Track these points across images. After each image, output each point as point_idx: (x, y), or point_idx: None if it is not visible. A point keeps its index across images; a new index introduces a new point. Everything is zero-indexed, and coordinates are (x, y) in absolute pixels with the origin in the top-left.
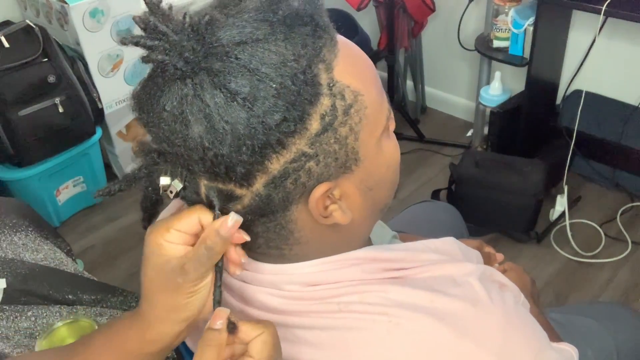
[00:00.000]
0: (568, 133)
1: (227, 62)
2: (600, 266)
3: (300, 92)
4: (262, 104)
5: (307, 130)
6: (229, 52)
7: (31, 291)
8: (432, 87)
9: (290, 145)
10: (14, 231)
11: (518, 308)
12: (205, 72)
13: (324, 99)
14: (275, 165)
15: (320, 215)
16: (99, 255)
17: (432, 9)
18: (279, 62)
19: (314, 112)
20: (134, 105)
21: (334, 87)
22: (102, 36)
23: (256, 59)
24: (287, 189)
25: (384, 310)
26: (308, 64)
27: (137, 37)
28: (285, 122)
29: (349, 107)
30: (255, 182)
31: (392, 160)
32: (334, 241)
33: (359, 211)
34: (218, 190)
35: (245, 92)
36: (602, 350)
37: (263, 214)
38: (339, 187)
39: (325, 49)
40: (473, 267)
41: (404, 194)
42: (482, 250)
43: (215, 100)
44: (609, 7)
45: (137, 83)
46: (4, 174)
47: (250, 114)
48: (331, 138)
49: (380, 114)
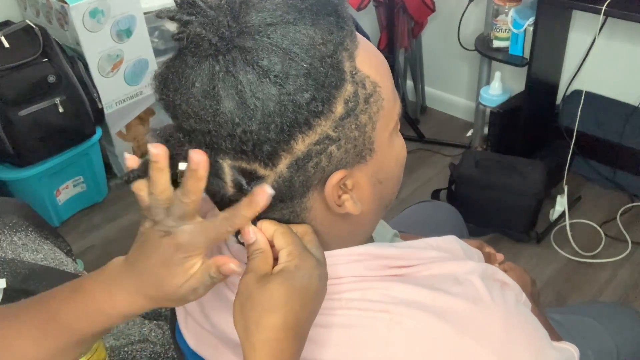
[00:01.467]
0: (568, 133)
1: (260, 41)
2: (600, 266)
3: (327, 75)
4: (293, 82)
5: (332, 113)
6: (261, 31)
7: (31, 291)
8: (432, 87)
9: (316, 127)
10: (14, 231)
11: (519, 307)
12: (238, 49)
13: (348, 85)
14: (300, 145)
15: (335, 202)
16: (99, 255)
17: (432, 9)
18: (308, 44)
19: (339, 96)
20: (158, 85)
21: (356, 75)
22: (102, 36)
23: (288, 39)
24: (307, 173)
25: (385, 307)
26: (334, 49)
27: (174, 10)
28: (314, 102)
29: (369, 96)
30: (280, 163)
31: (400, 157)
32: (341, 233)
33: (368, 204)
34: (242, 170)
35: (277, 70)
36: (602, 350)
37: (282, 198)
38: (352, 177)
39: (347, 38)
40: (475, 265)
41: (404, 194)
42: (483, 250)
43: (248, 77)
44: (609, 7)
45: (160, 65)
46: (4, 174)
47: (282, 91)
48: (352, 124)
49: (394, 108)
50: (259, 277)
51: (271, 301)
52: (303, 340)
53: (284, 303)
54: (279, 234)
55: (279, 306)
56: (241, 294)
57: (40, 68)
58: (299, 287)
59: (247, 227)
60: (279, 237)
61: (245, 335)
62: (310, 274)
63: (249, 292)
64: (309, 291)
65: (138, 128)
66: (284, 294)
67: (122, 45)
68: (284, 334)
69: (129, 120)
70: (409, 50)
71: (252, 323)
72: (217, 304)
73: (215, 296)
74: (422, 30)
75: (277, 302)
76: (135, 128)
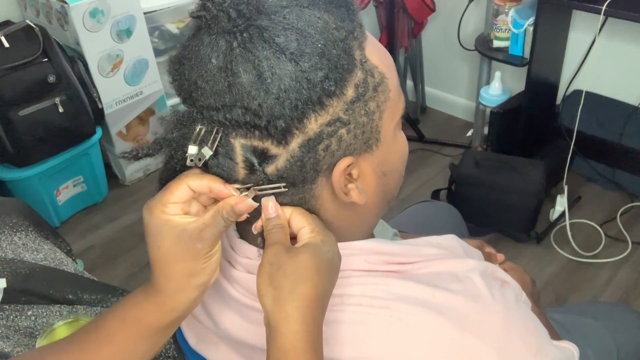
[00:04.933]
0: (568, 133)
1: (276, 20)
2: (600, 266)
3: (340, 58)
4: (308, 60)
5: (344, 95)
6: (277, 12)
7: (31, 291)
8: (432, 87)
9: (328, 107)
10: (14, 231)
11: (519, 305)
12: (255, 27)
13: (358, 71)
14: (312, 125)
15: (341, 189)
16: (99, 255)
17: (432, 9)
18: (322, 26)
19: (350, 80)
20: (174, 65)
21: (366, 63)
22: (102, 36)
23: (303, 20)
24: (318, 155)
25: (385, 304)
26: (346, 35)
27: None
28: (327, 81)
29: (377, 85)
30: (292, 141)
31: (403, 152)
32: (344, 225)
33: (372, 196)
34: (254, 148)
35: (292, 47)
36: (602, 350)
37: (293, 182)
38: (358, 166)
39: (357, 29)
40: (475, 263)
41: (404, 194)
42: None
43: (265, 53)
44: (609, 7)
45: (175, 48)
46: (4, 174)
47: (297, 67)
48: (362, 109)
49: (399, 102)
50: (287, 248)
51: (306, 270)
52: (325, 313)
53: (316, 273)
54: (297, 214)
55: (312, 275)
56: (270, 264)
57: (40, 68)
58: (326, 260)
59: (268, 202)
60: (298, 217)
61: (276, 306)
62: (334, 250)
63: (280, 263)
64: (333, 266)
65: (138, 128)
66: (316, 265)
67: (122, 45)
68: (315, 302)
69: (129, 120)
70: (409, 50)
71: (285, 292)
72: (220, 301)
73: (217, 293)
74: (422, 30)
75: (310, 271)
76: (135, 128)
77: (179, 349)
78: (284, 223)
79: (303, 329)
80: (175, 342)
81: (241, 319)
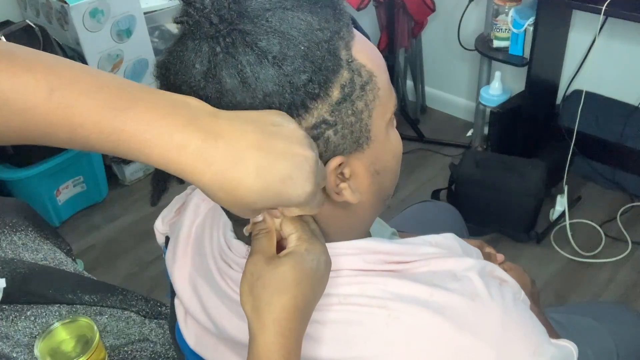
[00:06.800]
0: (568, 133)
1: (259, 24)
2: (600, 266)
3: (324, 59)
4: (290, 63)
5: (329, 97)
6: (260, 15)
7: (31, 291)
8: (432, 87)
9: (313, 110)
10: (14, 231)
11: (517, 304)
12: (237, 32)
13: (344, 71)
14: None
15: (333, 189)
16: (99, 255)
17: (432, 9)
18: (306, 28)
19: (335, 81)
20: (159, 71)
21: (352, 63)
22: (102, 36)
23: (286, 23)
24: None
25: (383, 303)
26: (331, 36)
27: None
28: (311, 84)
29: (365, 84)
30: None
31: (397, 150)
32: (339, 225)
33: (366, 194)
34: None
35: (275, 51)
36: (602, 350)
37: None
38: (349, 165)
39: (344, 29)
40: (473, 262)
41: (404, 194)
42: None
43: (247, 58)
44: (609, 7)
45: (160, 54)
46: (4, 174)
47: (280, 71)
48: (349, 109)
49: (390, 99)
50: (268, 258)
51: (283, 282)
52: (307, 323)
53: (296, 285)
54: (287, 220)
55: (291, 287)
56: (250, 274)
57: None
58: (309, 271)
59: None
60: (287, 223)
61: (255, 315)
62: (319, 258)
63: (260, 273)
64: (317, 275)
65: None
66: (296, 276)
67: (122, 45)
68: (293, 314)
69: None
70: (409, 50)
71: (263, 303)
72: (218, 302)
73: (215, 294)
74: (422, 30)
75: (289, 283)
76: None
77: (178, 349)
78: (270, 227)
79: (278, 341)
80: (175, 342)
81: (239, 319)
